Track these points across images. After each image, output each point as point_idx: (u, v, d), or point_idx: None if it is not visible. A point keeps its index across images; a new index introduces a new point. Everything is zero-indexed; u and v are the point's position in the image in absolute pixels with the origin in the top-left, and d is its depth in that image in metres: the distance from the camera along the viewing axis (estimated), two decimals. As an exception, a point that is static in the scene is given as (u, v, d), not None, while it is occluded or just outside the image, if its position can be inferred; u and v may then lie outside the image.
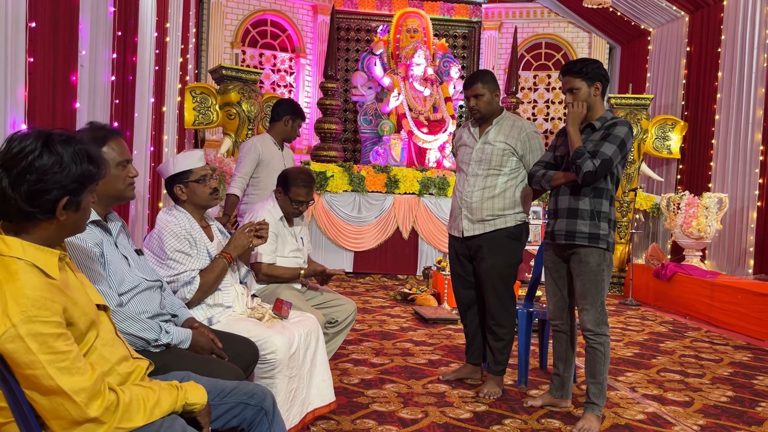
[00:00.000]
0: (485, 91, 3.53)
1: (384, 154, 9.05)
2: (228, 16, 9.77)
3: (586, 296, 3.12)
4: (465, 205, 3.57)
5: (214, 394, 1.82)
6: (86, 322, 1.55)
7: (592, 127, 3.14)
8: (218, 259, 2.68)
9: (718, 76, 7.65)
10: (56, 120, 2.97)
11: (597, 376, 3.12)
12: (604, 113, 3.15)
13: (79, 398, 1.44)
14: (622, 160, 3.09)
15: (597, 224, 3.08)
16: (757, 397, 3.74)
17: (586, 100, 3.11)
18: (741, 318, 5.67)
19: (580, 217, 3.09)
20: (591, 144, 3.07)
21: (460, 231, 3.61)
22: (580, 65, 3.12)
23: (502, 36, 10.73)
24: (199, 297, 2.61)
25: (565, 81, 3.15)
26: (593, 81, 3.10)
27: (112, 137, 2.10)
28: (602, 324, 3.12)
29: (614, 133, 3.03)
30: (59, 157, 1.51)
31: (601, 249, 3.09)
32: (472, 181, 3.55)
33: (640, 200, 7.96)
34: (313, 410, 2.82)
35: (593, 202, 3.09)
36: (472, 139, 3.63)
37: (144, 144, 5.06)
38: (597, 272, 3.10)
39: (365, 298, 6.58)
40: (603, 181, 3.09)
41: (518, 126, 3.55)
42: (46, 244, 1.54)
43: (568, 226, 3.12)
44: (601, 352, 3.12)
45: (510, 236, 3.54)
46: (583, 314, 3.13)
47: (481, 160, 3.54)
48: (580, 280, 3.13)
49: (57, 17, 2.98)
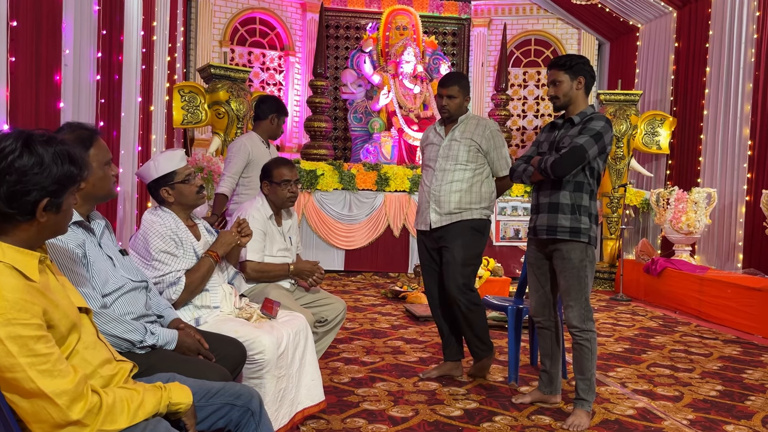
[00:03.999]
0: (459, 95, 3.72)
1: (374, 151, 9.04)
2: (216, 15, 9.72)
3: (569, 292, 3.12)
4: (433, 199, 3.68)
5: (200, 395, 1.80)
6: (67, 324, 1.53)
7: (572, 122, 3.16)
8: (204, 258, 2.65)
9: (706, 72, 7.67)
10: (39, 120, 2.95)
11: (585, 372, 3.13)
12: (584, 108, 3.17)
13: (61, 401, 1.42)
14: (602, 155, 3.10)
15: (578, 218, 3.10)
16: (746, 391, 3.76)
17: (567, 93, 3.15)
18: (730, 312, 5.70)
19: (561, 211, 3.11)
20: (569, 139, 3.08)
21: (427, 224, 3.71)
22: (565, 59, 3.17)
23: (491, 33, 10.73)
24: (185, 297, 2.58)
25: (550, 74, 3.20)
26: (576, 75, 3.14)
27: (97, 137, 2.08)
28: (587, 320, 3.12)
29: (589, 126, 3.06)
30: (39, 157, 1.49)
31: (582, 243, 3.11)
32: (440, 176, 3.68)
33: (630, 196, 7.99)
34: (302, 410, 2.81)
35: (573, 196, 3.11)
36: (438, 137, 3.78)
37: (131, 143, 5.03)
38: (579, 268, 3.11)
39: (356, 297, 6.57)
40: (582, 175, 3.10)
41: (482, 124, 3.72)
42: (26, 246, 1.52)
43: (549, 220, 3.14)
44: (588, 348, 3.12)
45: (474, 228, 3.66)
46: (568, 311, 3.14)
47: (448, 156, 3.69)
48: (563, 276, 3.14)
49: (39, 16, 2.94)
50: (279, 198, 3.36)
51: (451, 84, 3.70)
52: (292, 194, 3.39)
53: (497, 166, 3.72)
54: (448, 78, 3.76)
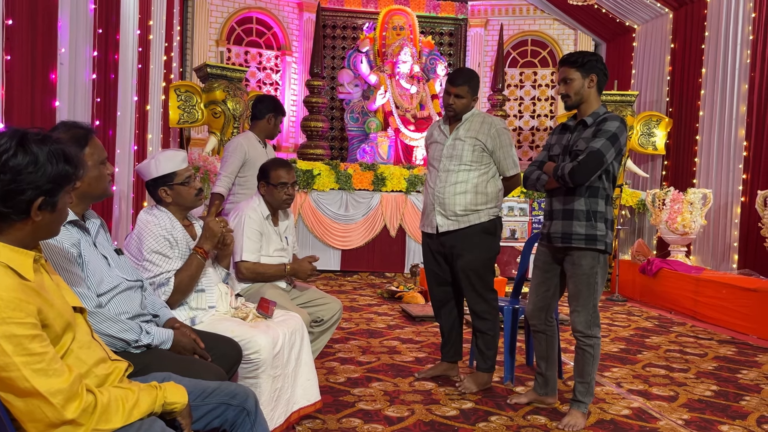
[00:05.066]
0: (467, 95, 3.55)
1: (371, 151, 9.04)
2: (213, 14, 9.71)
3: (578, 298, 3.08)
4: (437, 201, 3.56)
5: (195, 394, 1.80)
6: (62, 324, 1.52)
7: (584, 123, 3.07)
8: (192, 256, 2.61)
9: (702, 73, 7.69)
10: (35, 119, 2.94)
11: (585, 376, 3.11)
12: (597, 108, 3.07)
13: (56, 400, 1.42)
14: (618, 156, 2.99)
15: (594, 225, 3.01)
16: (741, 391, 3.77)
17: (579, 92, 3.05)
18: (725, 312, 5.72)
19: (575, 218, 3.02)
20: (583, 142, 2.99)
21: (433, 227, 3.60)
22: (577, 56, 3.07)
23: (488, 33, 10.74)
24: (178, 298, 2.56)
25: (561, 71, 3.10)
26: (588, 73, 3.03)
27: (92, 136, 2.07)
28: (593, 326, 3.09)
29: (604, 128, 2.96)
30: (34, 156, 1.48)
31: (597, 251, 3.04)
32: (444, 177, 3.55)
33: (626, 196, 8.01)
34: (298, 410, 2.80)
35: (588, 202, 3.01)
36: (443, 135, 3.64)
37: (127, 143, 5.01)
38: (590, 275, 3.05)
39: (352, 297, 6.57)
40: (598, 180, 3.00)
41: (488, 122, 3.56)
42: (21, 245, 1.51)
43: (564, 227, 3.05)
44: (590, 354, 3.09)
45: (484, 231, 3.54)
46: (574, 315, 3.09)
47: (452, 156, 3.54)
48: (572, 281, 3.10)
49: (35, 14, 2.94)
50: (275, 200, 3.36)
51: (461, 83, 3.52)
52: (288, 197, 3.37)
53: (504, 166, 3.56)
54: (458, 75, 3.57)
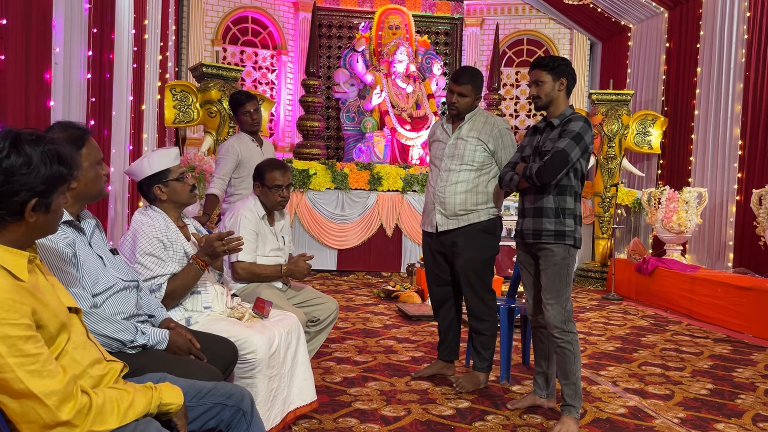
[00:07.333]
0: (471, 94, 3.57)
1: (367, 151, 9.03)
2: (208, 13, 9.69)
3: (550, 290, 3.12)
4: (438, 200, 3.59)
5: (191, 395, 1.80)
6: (57, 324, 1.52)
7: (552, 125, 3.17)
8: (191, 265, 2.57)
9: (698, 72, 7.71)
10: (30, 119, 2.92)
11: (569, 376, 3.10)
12: (564, 110, 3.17)
13: (51, 401, 1.41)
14: (584, 155, 3.09)
15: (562, 221, 3.10)
16: (736, 390, 3.78)
17: (549, 94, 3.15)
18: (721, 311, 5.74)
19: (545, 215, 3.12)
20: (550, 143, 3.08)
21: (433, 226, 3.62)
22: (549, 60, 3.18)
23: (483, 32, 10.75)
24: (169, 304, 2.53)
25: (533, 74, 3.19)
26: (559, 76, 3.14)
27: (88, 137, 2.06)
28: (568, 321, 3.10)
29: (569, 128, 3.06)
30: (27, 157, 1.47)
31: (567, 245, 3.11)
32: (445, 176, 3.57)
33: (622, 195, 8.02)
34: (294, 409, 2.80)
35: (557, 200, 3.11)
36: (445, 134, 3.66)
37: (123, 142, 5.00)
38: (561, 266, 3.11)
39: (349, 296, 6.57)
40: (566, 178, 3.10)
41: (491, 122, 3.57)
42: (15, 246, 1.51)
43: (534, 224, 3.15)
44: (570, 350, 3.09)
45: (484, 230, 3.57)
46: (548, 309, 3.12)
47: (453, 155, 3.57)
48: (545, 274, 3.14)
49: (29, 14, 2.92)
50: (269, 201, 3.37)
51: (464, 82, 3.54)
52: (283, 198, 3.38)
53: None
54: (461, 74, 3.59)
